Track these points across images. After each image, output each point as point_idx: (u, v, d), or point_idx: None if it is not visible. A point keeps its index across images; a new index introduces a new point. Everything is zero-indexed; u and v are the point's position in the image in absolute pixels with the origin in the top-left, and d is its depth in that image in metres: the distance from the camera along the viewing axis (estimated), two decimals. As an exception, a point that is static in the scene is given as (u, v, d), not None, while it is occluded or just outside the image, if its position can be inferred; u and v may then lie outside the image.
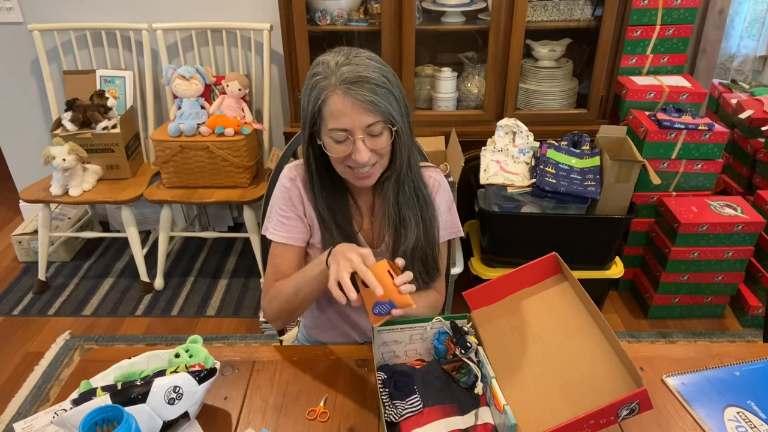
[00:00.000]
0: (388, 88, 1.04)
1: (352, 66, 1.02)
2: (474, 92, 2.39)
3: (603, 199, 2.01)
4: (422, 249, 1.21)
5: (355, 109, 1.02)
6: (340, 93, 1.02)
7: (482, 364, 1.01)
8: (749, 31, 3.02)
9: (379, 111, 1.03)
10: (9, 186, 3.12)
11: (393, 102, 1.05)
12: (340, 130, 1.04)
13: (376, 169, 1.11)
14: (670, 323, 2.38)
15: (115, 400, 0.89)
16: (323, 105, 1.04)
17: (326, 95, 1.03)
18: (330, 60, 1.05)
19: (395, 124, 1.06)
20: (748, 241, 2.18)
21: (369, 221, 1.25)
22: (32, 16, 2.55)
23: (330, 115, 1.04)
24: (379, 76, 1.03)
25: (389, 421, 0.98)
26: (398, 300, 0.96)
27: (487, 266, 2.19)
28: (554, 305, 1.03)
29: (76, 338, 2.33)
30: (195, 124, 2.33)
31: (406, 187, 1.18)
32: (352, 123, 1.03)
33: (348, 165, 1.09)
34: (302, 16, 2.15)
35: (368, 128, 1.04)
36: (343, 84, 1.01)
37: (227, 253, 2.88)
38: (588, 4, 2.24)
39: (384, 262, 0.97)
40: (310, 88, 1.06)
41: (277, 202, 1.22)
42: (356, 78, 1.01)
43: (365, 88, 1.01)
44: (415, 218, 1.19)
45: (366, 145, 1.05)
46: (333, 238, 1.18)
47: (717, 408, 1.03)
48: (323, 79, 1.04)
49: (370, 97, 1.01)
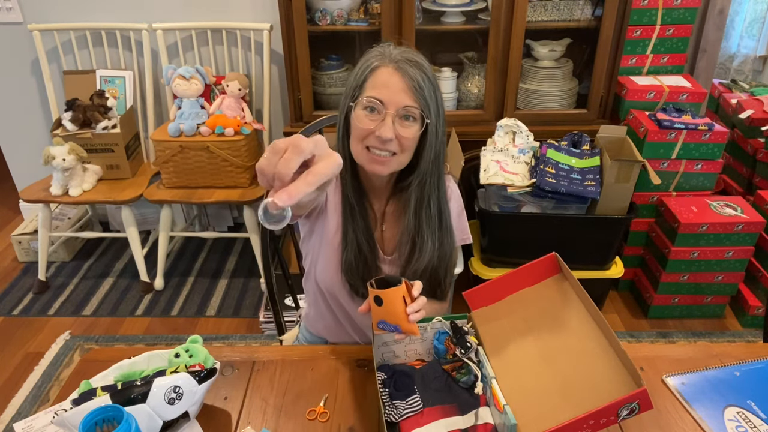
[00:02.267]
0: (434, 85, 1.08)
1: (411, 54, 1.07)
2: (474, 92, 2.39)
3: (603, 199, 2.01)
4: (433, 271, 1.20)
5: (399, 84, 1.04)
6: (392, 67, 1.05)
7: (482, 364, 1.01)
8: (749, 31, 3.02)
9: (420, 97, 1.05)
10: (9, 186, 3.12)
11: (434, 100, 1.07)
12: (377, 99, 1.05)
13: (394, 160, 1.10)
14: (670, 323, 2.38)
15: (115, 400, 0.89)
16: (370, 74, 1.06)
17: (376, 65, 1.06)
18: (391, 45, 1.10)
19: (429, 117, 1.07)
20: (748, 241, 2.18)
21: (380, 228, 1.24)
22: (32, 16, 2.55)
23: (372, 85, 1.06)
24: (431, 74, 1.08)
25: (389, 421, 0.97)
26: (405, 327, 0.97)
27: (487, 266, 2.19)
28: (554, 305, 1.03)
29: (76, 338, 2.33)
30: (195, 124, 2.33)
31: (431, 204, 1.16)
32: (391, 97, 1.04)
33: (367, 145, 1.08)
34: (302, 16, 2.15)
35: (403, 109, 1.05)
36: (396, 61, 1.05)
37: (227, 253, 2.88)
38: (588, 4, 2.24)
39: (402, 287, 0.96)
40: (363, 61, 1.09)
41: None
42: (412, 61, 1.06)
43: (416, 72, 1.05)
44: (432, 240, 1.17)
45: (394, 126, 1.05)
46: (356, 230, 1.16)
47: (717, 408, 1.03)
48: (379, 55, 1.08)
49: (418, 79, 1.04)
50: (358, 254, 1.17)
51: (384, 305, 0.96)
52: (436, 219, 1.17)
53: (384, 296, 0.96)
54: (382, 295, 0.96)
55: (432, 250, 1.17)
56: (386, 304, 0.96)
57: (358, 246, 1.17)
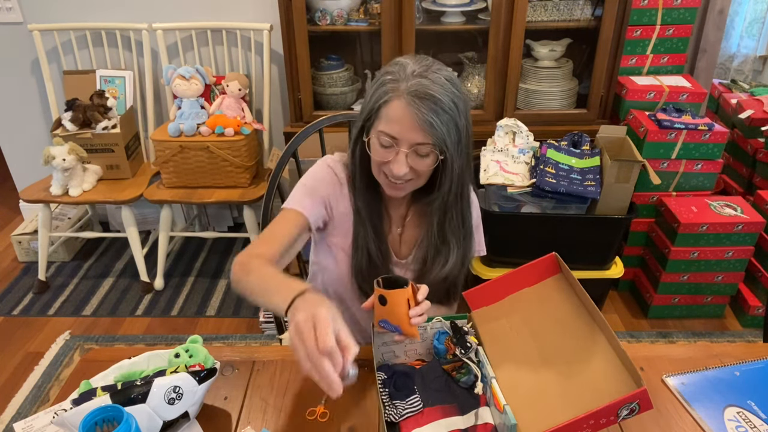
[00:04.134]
0: (452, 116, 1.02)
1: (427, 81, 1.01)
2: (474, 92, 2.39)
3: (603, 199, 2.01)
4: (453, 279, 1.22)
5: (411, 122, 1.01)
6: (404, 102, 1.01)
7: (482, 364, 1.01)
8: (749, 31, 3.02)
9: (433, 135, 1.02)
10: (9, 186, 3.12)
11: (452, 130, 1.03)
12: (389, 136, 1.04)
13: (410, 185, 1.11)
14: (670, 323, 2.38)
15: (115, 400, 0.89)
16: (384, 105, 1.04)
17: (390, 97, 1.02)
18: (408, 64, 1.04)
19: (444, 152, 1.05)
20: (748, 241, 2.18)
21: (398, 231, 1.24)
22: (32, 16, 2.55)
23: (386, 117, 1.04)
24: (449, 101, 1.01)
25: (389, 421, 0.97)
26: (406, 329, 0.97)
27: (487, 266, 2.19)
28: (554, 305, 1.03)
29: (76, 338, 2.33)
30: (195, 124, 2.33)
31: (453, 215, 1.16)
32: (403, 135, 1.02)
33: (383, 171, 1.09)
34: (302, 16, 2.15)
35: (416, 146, 1.04)
36: (410, 94, 1.00)
37: (227, 253, 2.88)
38: (588, 4, 2.24)
39: (408, 290, 0.97)
40: (379, 84, 1.05)
41: (306, 178, 1.19)
42: (425, 94, 1.00)
43: (429, 107, 1.00)
44: (457, 243, 1.18)
45: (407, 160, 1.05)
46: (366, 237, 1.17)
47: (717, 408, 1.03)
48: (394, 81, 1.03)
49: (430, 118, 1.00)
50: (368, 260, 1.18)
51: (388, 305, 0.97)
52: (460, 228, 1.18)
53: (389, 297, 0.96)
54: (387, 296, 0.96)
55: (455, 258, 1.19)
56: (390, 305, 0.96)
57: (368, 252, 1.18)
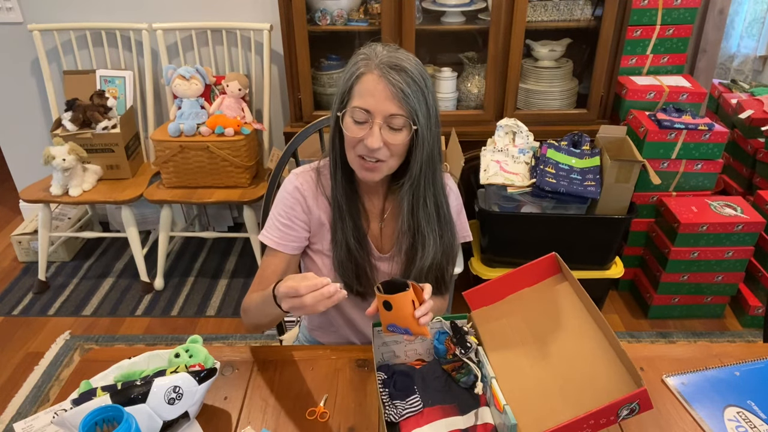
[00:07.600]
0: (422, 88, 1.06)
1: (397, 56, 1.05)
2: (474, 92, 2.39)
3: (603, 199, 2.01)
4: (438, 267, 1.21)
5: (384, 93, 1.03)
6: (376, 74, 1.04)
7: (482, 364, 1.01)
8: (749, 31, 3.02)
9: (407, 104, 1.04)
10: (9, 186, 3.12)
11: (422, 103, 1.06)
12: (363, 109, 1.05)
13: (384, 166, 1.11)
14: (670, 323, 2.38)
15: (115, 400, 0.89)
16: (356, 81, 1.06)
17: (362, 72, 1.05)
18: (378, 46, 1.08)
19: (417, 123, 1.06)
20: (748, 241, 2.18)
21: (378, 225, 1.24)
22: (32, 16, 2.55)
23: (358, 93, 1.06)
24: (418, 74, 1.06)
25: (389, 421, 0.98)
26: (415, 330, 0.97)
27: (487, 266, 2.19)
28: (554, 305, 1.03)
29: (76, 338, 2.33)
30: (195, 124, 2.33)
31: (428, 202, 1.16)
32: (376, 106, 1.04)
33: (358, 154, 1.09)
34: (302, 16, 2.15)
35: (390, 118, 1.05)
36: (381, 66, 1.04)
37: (227, 253, 2.88)
38: (588, 4, 2.24)
39: (410, 292, 0.97)
40: (351, 65, 1.09)
41: (276, 208, 1.22)
42: (396, 65, 1.04)
43: (401, 76, 1.03)
44: (433, 236, 1.18)
45: (381, 134, 1.06)
46: (344, 229, 1.17)
47: (717, 408, 1.03)
48: (365, 58, 1.06)
49: (403, 86, 1.03)
50: (347, 254, 1.19)
51: (393, 310, 0.97)
52: (434, 215, 1.18)
53: (393, 301, 0.96)
54: (392, 301, 0.96)
55: (435, 246, 1.18)
56: (395, 309, 0.97)
57: (347, 246, 1.18)
